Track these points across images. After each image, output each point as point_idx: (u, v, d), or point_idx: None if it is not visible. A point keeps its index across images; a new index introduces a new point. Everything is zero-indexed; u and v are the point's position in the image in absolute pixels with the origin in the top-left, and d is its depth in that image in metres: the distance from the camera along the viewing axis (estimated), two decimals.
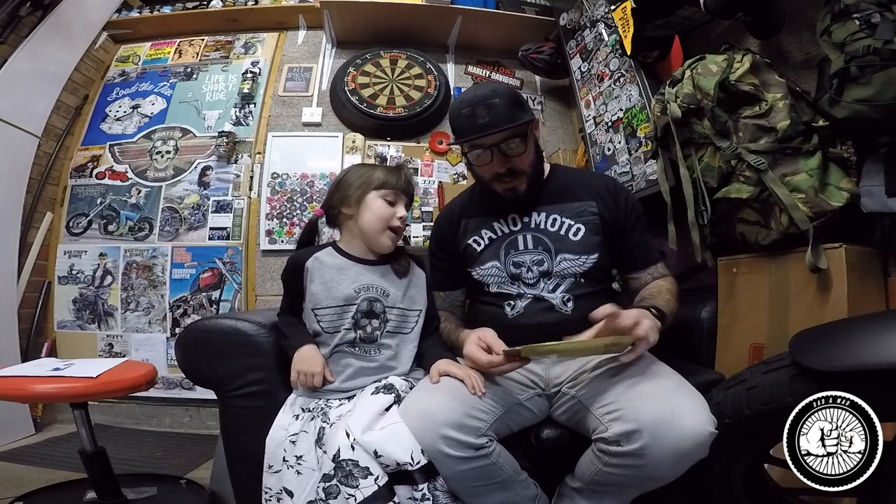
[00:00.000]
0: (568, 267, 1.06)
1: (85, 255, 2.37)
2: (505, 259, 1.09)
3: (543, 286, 1.06)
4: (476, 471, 0.86)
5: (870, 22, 1.04)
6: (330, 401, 0.98)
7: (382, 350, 1.03)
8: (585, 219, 1.08)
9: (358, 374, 1.01)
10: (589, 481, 0.87)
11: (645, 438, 0.76)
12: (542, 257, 1.07)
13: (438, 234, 1.22)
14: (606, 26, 1.93)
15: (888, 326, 0.73)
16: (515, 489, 0.91)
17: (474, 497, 0.88)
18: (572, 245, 1.07)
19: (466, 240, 1.14)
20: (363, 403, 0.92)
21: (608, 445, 0.81)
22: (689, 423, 0.77)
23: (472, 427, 0.85)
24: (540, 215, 1.10)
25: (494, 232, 1.12)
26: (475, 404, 0.89)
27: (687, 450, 0.77)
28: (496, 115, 1.01)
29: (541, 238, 1.08)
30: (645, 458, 0.77)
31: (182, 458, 1.87)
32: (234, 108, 2.51)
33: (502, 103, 1.02)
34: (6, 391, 1.17)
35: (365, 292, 1.04)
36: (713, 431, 0.78)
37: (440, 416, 0.85)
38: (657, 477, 0.81)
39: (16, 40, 2.17)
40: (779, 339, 1.15)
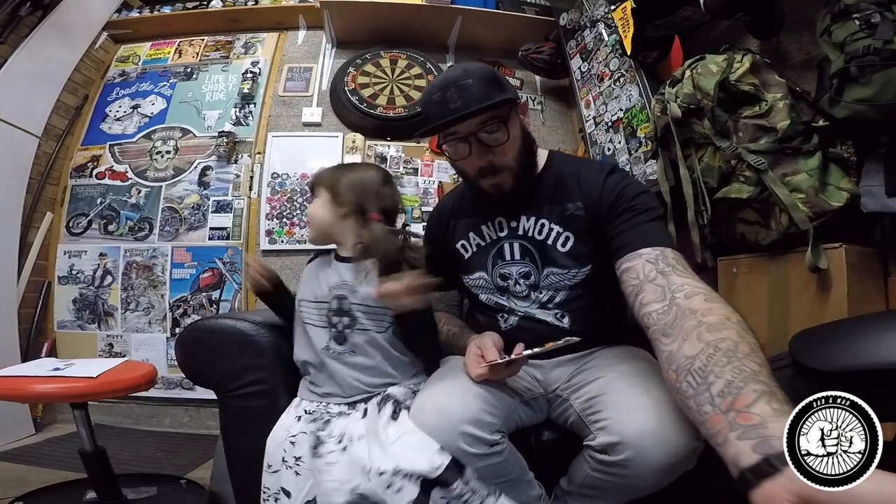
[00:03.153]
0: (556, 281, 0.97)
1: (85, 255, 2.37)
2: (492, 270, 1.02)
3: (535, 298, 0.98)
4: (490, 469, 0.84)
5: (870, 22, 1.04)
6: (330, 405, 0.97)
7: (357, 351, 0.98)
8: (573, 225, 0.96)
9: (338, 375, 0.98)
10: (579, 484, 0.87)
11: (629, 451, 0.75)
12: (528, 269, 0.99)
13: (430, 234, 1.16)
14: (606, 26, 1.93)
15: (888, 326, 0.73)
16: (523, 489, 0.90)
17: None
18: (559, 257, 0.96)
19: (455, 243, 1.07)
20: (370, 430, 0.89)
21: (596, 453, 0.81)
22: (674, 437, 0.74)
23: (487, 423, 0.84)
24: (529, 220, 0.99)
25: (483, 238, 1.04)
26: (489, 399, 0.87)
27: (671, 464, 0.75)
28: (468, 96, 0.87)
29: (527, 247, 0.99)
30: (630, 468, 0.76)
31: (182, 458, 1.87)
32: (234, 108, 2.51)
33: (475, 83, 0.88)
34: (6, 391, 1.17)
35: (336, 290, 1.00)
36: (699, 445, 0.75)
37: (457, 412, 0.82)
38: (641, 486, 0.79)
39: (16, 40, 2.17)
40: (779, 339, 1.15)
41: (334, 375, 0.97)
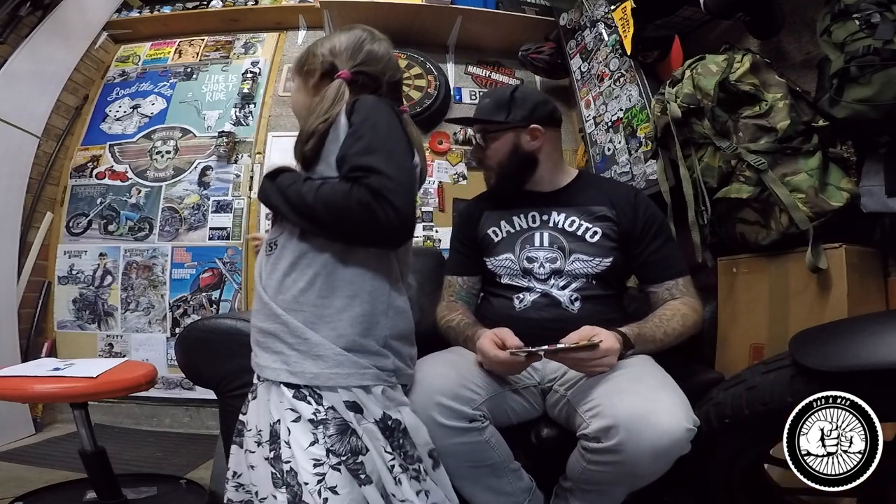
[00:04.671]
0: (580, 267, 1.09)
1: (85, 255, 2.37)
2: (519, 253, 1.12)
3: (554, 283, 1.09)
4: (468, 447, 0.86)
5: (870, 22, 1.04)
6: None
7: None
8: (603, 223, 1.10)
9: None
10: (577, 480, 0.88)
11: (621, 434, 0.77)
12: (555, 255, 1.10)
13: (461, 221, 1.29)
14: (606, 26, 1.93)
15: (888, 326, 0.73)
16: (507, 477, 0.91)
17: (465, 480, 0.89)
18: (587, 247, 1.09)
19: (486, 229, 1.19)
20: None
21: (589, 442, 0.82)
22: (665, 419, 0.77)
23: (466, 398, 0.87)
24: (560, 215, 1.13)
25: (513, 226, 1.16)
26: (471, 377, 0.91)
27: (664, 447, 0.77)
28: (481, 107, 1.19)
29: (557, 237, 1.12)
30: (622, 453, 0.77)
31: (182, 458, 1.87)
32: (234, 108, 2.51)
33: (489, 102, 1.17)
34: (6, 391, 1.17)
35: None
36: (691, 429, 0.78)
37: (435, 384, 0.86)
38: (638, 474, 0.81)
39: (16, 40, 2.16)
40: (779, 339, 1.15)
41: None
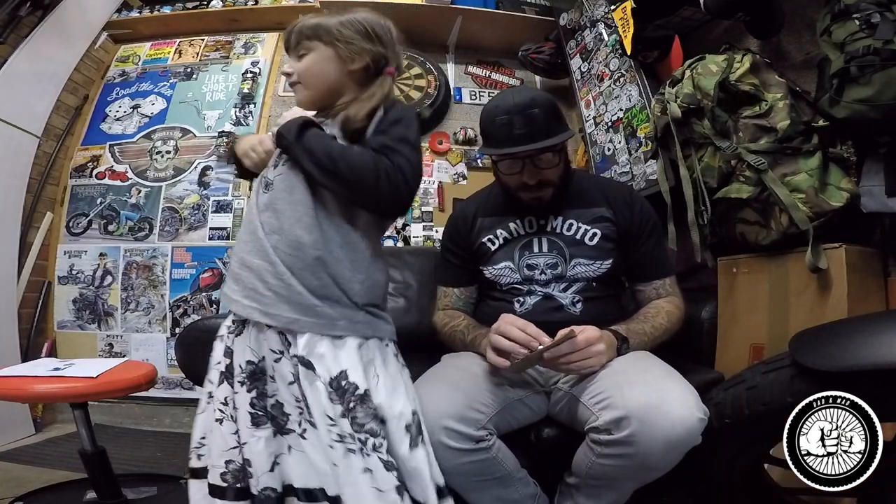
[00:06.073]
0: (582, 272, 1.08)
1: (85, 255, 2.37)
2: (519, 260, 1.10)
3: (555, 286, 1.08)
4: (476, 465, 0.86)
5: (870, 22, 1.04)
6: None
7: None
8: (601, 224, 1.09)
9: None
10: (585, 475, 0.87)
11: (634, 425, 0.76)
12: (556, 261, 1.08)
13: (454, 231, 1.22)
14: (606, 26, 1.93)
15: (888, 326, 0.73)
16: (515, 486, 0.91)
17: (473, 493, 0.88)
18: (587, 250, 1.08)
19: (481, 238, 1.15)
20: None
21: (599, 435, 0.82)
22: (676, 408, 0.77)
23: (472, 419, 0.85)
24: (557, 220, 1.11)
25: (510, 233, 1.13)
26: (477, 396, 0.89)
27: (677, 436, 0.76)
28: (535, 127, 0.99)
29: (556, 242, 1.10)
30: (635, 445, 0.77)
31: (182, 458, 1.84)
32: (234, 108, 2.51)
33: (541, 115, 0.99)
34: (6, 391, 1.17)
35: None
36: (702, 418, 0.78)
37: (441, 407, 0.84)
38: (650, 466, 0.80)
39: (16, 40, 2.16)
40: (779, 339, 1.15)
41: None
